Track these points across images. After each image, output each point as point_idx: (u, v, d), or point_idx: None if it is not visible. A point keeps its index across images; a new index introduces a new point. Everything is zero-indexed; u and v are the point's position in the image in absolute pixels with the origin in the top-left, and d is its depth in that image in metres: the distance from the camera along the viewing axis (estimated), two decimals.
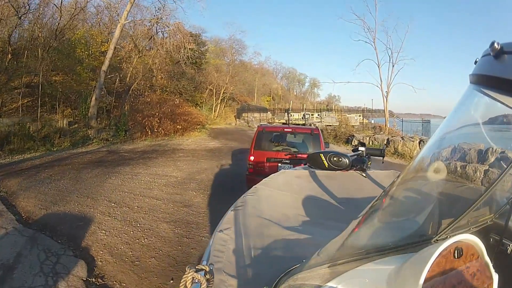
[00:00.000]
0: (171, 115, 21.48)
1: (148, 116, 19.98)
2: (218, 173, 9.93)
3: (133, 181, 8.29)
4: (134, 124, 19.94)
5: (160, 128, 19.85)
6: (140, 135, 19.23)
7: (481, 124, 1.14)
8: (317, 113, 36.78)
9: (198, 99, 31.59)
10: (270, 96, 51.12)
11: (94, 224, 5.39)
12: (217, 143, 18.33)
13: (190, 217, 5.89)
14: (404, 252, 0.99)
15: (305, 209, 2.12)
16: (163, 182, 8.37)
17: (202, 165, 11.14)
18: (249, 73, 40.44)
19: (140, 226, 5.35)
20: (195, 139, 19.82)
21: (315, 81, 71.35)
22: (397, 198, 1.11)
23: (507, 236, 1.29)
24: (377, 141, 17.93)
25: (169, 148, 15.82)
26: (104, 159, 12.17)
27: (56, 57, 20.80)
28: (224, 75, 32.70)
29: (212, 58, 36.71)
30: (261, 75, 47.88)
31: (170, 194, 7.33)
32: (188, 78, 30.26)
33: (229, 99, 35.25)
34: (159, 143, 17.79)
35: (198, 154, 13.97)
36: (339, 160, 2.44)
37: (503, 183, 1.22)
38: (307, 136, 7.06)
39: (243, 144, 18.41)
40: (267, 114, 35.44)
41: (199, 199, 7.05)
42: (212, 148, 16.34)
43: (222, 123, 31.28)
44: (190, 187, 8.01)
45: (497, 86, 0.91)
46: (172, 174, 9.33)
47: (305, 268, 1.01)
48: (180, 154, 13.63)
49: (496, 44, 0.85)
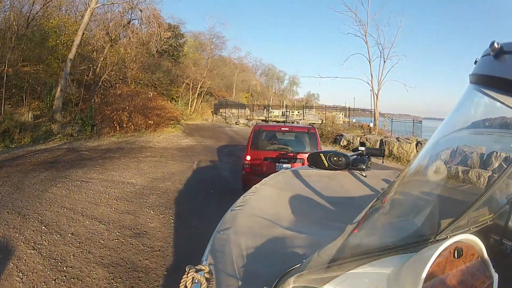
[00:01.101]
0: (142, 109, 19.78)
1: (117, 110, 18.21)
2: (188, 180, 8.39)
3: (81, 191, 6.78)
4: (102, 118, 18.14)
5: (130, 123, 18.15)
6: (109, 131, 17.49)
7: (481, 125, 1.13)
8: (298, 111, 35.72)
9: (174, 93, 29.71)
10: (248, 92, 49.53)
11: (14, 260, 3.92)
12: (191, 141, 16.86)
13: (139, 256, 4.13)
14: (404, 252, 0.99)
15: (305, 209, 2.11)
16: (116, 193, 6.85)
17: (170, 168, 9.71)
18: (228, 68, 38.65)
19: (66, 271, 3.73)
20: (168, 136, 18.24)
21: (294, 78, 70.37)
22: (397, 198, 1.07)
23: (507, 236, 1.29)
24: (369, 142, 15.98)
25: (136, 146, 14.26)
26: (59, 159, 10.57)
27: (27, 46, 18.78)
28: (201, 69, 30.87)
29: (192, 53, 34.72)
30: (241, 71, 46.08)
31: (120, 212, 5.67)
32: (164, 71, 28.36)
33: (207, 94, 33.52)
34: (127, 139, 16.17)
35: (168, 153, 12.49)
36: (339, 160, 2.37)
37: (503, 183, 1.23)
38: (304, 135, 6.89)
39: (220, 141, 17.08)
40: (245, 111, 33.98)
41: (157, 222, 5.29)
42: (185, 146, 14.86)
43: (199, 118, 29.56)
44: (148, 201, 6.37)
45: (497, 86, 0.89)
46: (130, 181, 7.81)
47: (305, 268, 0.97)
48: (147, 154, 12.11)
49: (496, 44, 0.84)
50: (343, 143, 17.55)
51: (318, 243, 1.24)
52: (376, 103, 22.21)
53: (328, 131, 19.78)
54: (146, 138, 17.06)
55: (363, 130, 22.49)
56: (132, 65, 23.27)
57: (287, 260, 1.22)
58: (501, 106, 0.89)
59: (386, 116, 22.66)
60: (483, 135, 1.24)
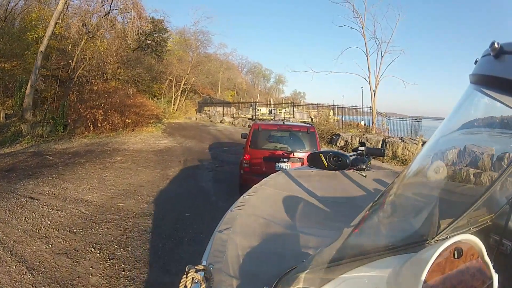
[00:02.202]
0: (120, 107, 18.31)
1: (91, 108, 16.74)
2: (158, 195, 6.90)
3: (22, 213, 5.49)
4: (77, 117, 16.66)
5: (105, 122, 16.70)
6: (82, 131, 16.05)
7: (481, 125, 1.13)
8: (285, 109, 34.58)
9: (156, 91, 28.08)
10: (234, 90, 47.90)
11: None
12: (171, 142, 15.55)
13: None
14: (404, 252, 0.98)
15: (305, 209, 2.08)
16: (61, 218, 5.39)
17: (140, 177, 8.47)
18: (212, 63, 36.89)
19: None
20: (146, 136, 16.88)
21: (280, 77, 69.87)
22: (397, 198, 1.07)
23: (507, 236, 1.28)
24: (369, 142, 14.30)
25: (108, 148, 12.92)
26: (18, 166, 9.24)
27: (3, 40, 17.17)
28: (185, 65, 29.28)
29: (176, 50, 32.91)
30: (226, 68, 44.50)
31: (56, 253, 4.17)
32: (146, 67, 26.79)
33: (191, 92, 31.93)
34: (101, 141, 14.79)
35: (142, 157, 11.22)
36: (339, 160, 2.30)
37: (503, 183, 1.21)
38: (303, 134, 6.79)
39: (202, 142, 15.79)
40: (230, 109, 32.58)
41: (100, 276, 3.68)
42: (163, 148, 13.60)
43: (182, 117, 28.02)
44: (97, 233, 4.82)
45: (497, 86, 0.89)
46: (85, 198, 6.48)
47: (305, 268, 0.98)
48: (118, 158, 10.81)
49: (496, 44, 0.84)
50: (340, 144, 16.06)
51: (318, 243, 1.30)
52: (374, 100, 20.51)
53: (322, 130, 17.82)
54: (122, 139, 15.68)
55: (359, 129, 20.95)
56: (110, 59, 21.50)
57: (287, 260, 1.24)
58: (501, 106, 0.88)
59: (384, 114, 20.87)
60: (483, 135, 1.21)
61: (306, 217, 1.94)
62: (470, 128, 1.13)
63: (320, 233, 1.62)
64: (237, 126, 26.23)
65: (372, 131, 18.82)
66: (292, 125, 7.30)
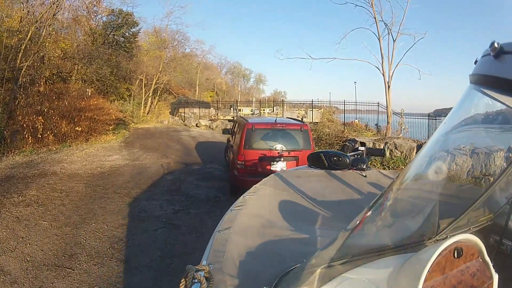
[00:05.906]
0: (69, 111, 14.46)
1: (29, 114, 12.96)
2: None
3: None
4: (17, 127, 12.83)
5: (48, 132, 12.87)
6: (23, 144, 12.31)
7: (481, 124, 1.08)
8: (269, 108, 31.08)
9: (124, 92, 24.14)
10: (213, 91, 43.84)
11: None
12: (123, 158, 11.49)
13: None
14: (404, 252, 0.96)
15: (305, 209, 2.01)
16: None
17: (30, 244, 4.93)
18: (186, 59, 32.16)
19: None
20: (97, 149, 13.02)
21: (260, 76, 67.03)
22: (397, 198, 1.02)
23: (507, 236, 1.25)
24: (400, 150, 10.20)
25: (36, 171, 9.06)
26: None
27: None
28: (157, 62, 25.19)
29: (152, 50, 28.72)
30: (205, 68, 40.60)
31: None
32: (113, 64, 22.84)
33: (165, 92, 28.04)
34: (35, 158, 10.94)
35: (66, 190, 7.37)
36: (339, 160, 2.29)
37: (503, 183, 1.18)
38: (297, 133, 6.57)
39: (165, 157, 11.79)
40: (209, 110, 28.68)
41: None
42: (107, 170, 9.54)
43: (154, 121, 23.85)
44: None
45: (497, 86, 0.85)
46: None
47: (305, 268, 0.93)
48: (30, 194, 6.99)
49: (496, 44, 0.81)
50: None
51: (318, 243, 1.29)
52: (389, 93, 14.88)
53: (327, 133, 13.69)
54: (63, 154, 11.82)
55: (373, 132, 16.56)
56: (54, 53, 17.24)
57: (287, 260, 1.21)
58: (501, 106, 0.86)
59: (402, 112, 15.28)
60: (483, 135, 1.17)
61: (306, 217, 1.87)
62: (470, 128, 1.08)
63: (320, 233, 1.59)
64: (215, 131, 21.75)
65: (388, 133, 14.53)
66: (285, 123, 6.93)
